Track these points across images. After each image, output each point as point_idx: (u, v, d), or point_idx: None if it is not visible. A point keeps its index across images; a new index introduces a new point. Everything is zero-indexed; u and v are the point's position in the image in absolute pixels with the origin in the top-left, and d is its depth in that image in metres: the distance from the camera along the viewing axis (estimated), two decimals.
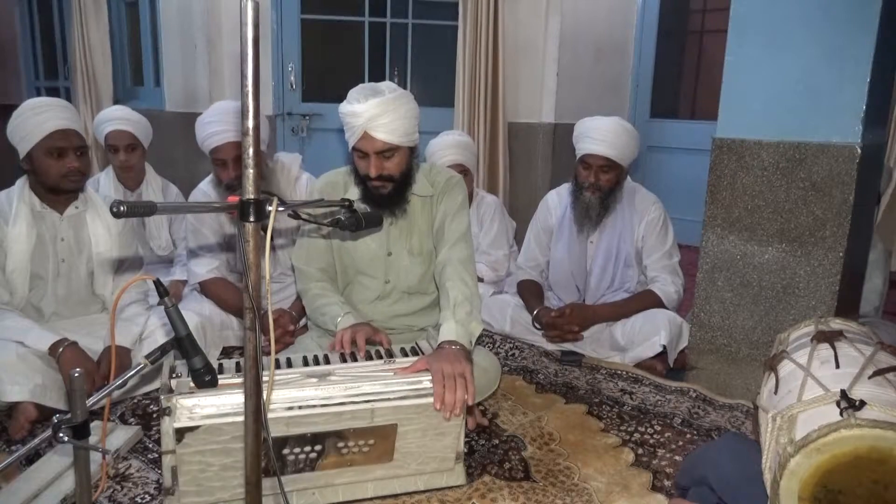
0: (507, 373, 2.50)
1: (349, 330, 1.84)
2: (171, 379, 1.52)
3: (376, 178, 1.91)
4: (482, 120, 3.91)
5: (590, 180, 2.65)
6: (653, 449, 1.99)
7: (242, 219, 1.01)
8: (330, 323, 1.97)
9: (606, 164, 2.62)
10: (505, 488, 1.76)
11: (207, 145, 2.48)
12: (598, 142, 2.59)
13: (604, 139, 2.58)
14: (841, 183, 2.08)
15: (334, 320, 1.95)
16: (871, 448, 1.17)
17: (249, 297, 1.03)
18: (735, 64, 2.23)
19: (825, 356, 1.44)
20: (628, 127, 2.64)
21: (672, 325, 2.51)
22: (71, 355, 2.05)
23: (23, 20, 5.08)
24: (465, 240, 2.02)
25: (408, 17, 4.18)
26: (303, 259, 2.11)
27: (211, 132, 2.45)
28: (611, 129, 2.58)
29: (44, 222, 2.23)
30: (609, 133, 2.58)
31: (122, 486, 1.74)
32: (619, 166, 2.64)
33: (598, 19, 4.16)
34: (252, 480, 1.12)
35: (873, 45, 1.98)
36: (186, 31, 4.08)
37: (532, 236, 2.94)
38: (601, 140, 2.58)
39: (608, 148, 2.58)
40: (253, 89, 0.96)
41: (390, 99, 1.84)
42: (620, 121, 2.65)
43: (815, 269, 2.16)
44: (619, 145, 2.59)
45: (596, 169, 2.63)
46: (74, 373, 1.06)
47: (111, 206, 0.99)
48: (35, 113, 2.14)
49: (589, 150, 2.62)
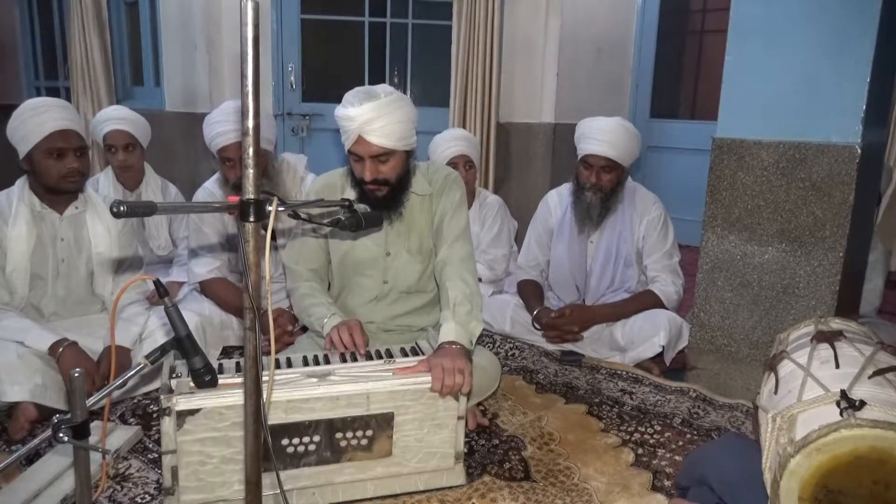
0: (507, 373, 2.50)
1: (343, 327, 1.84)
2: (171, 379, 1.52)
3: (371, 181, 1.91)
4: (475, 120, 3.91)
5: (591, 181, 2.65)
6: (653, 449, 1.99)
7: (242, 219, 1.01)
8: (316, 324, 1.97)
9: (608, 165, 2.62)
10: (505, 488, 1.76)
11: (215, 145, 2.49)
12: (599, 142, 2.59)
13: (606, 140, 2.58)
14: (841, 183, 2.08)
15: (321, 321, 1.95)
16: (871, 448, 1.17)
17: (249, 297, 1.03)
18: (735, 64, 2.23)
19: (825, 356, 1.44)
20: (630, 127, 2.64)
21: (672, 326, 2.51)
22: (71, 355, 2.05)
23: (23, 20, 5.07)
24: (465, 238, 2.02)
25: (408, 17, 4.18)
26: (294, 258, 2.11)
27: (218, 132, 2.46)
28: (613, 130, 2.58)
29: (43, 222, 2.23)
30: (611, 134, 2.58)
31: (122, 486, 1.74)
32: (621, 167, 2.64)
33: (598, 19, 4.16)
34: (252, 479, 1.12)
35: (873, 45, 1.98)
36: (186, 31, 4.08)
37: (532, 236, 2.94)
38: (603, 140, 2.58)
39: (610, 148, 2.58)
40: (253, 89, 0.97)
41: (385, 103, 1.83)
42: (622, 121, 2.64)
43: (815, 269, 2.16)
44: (621, 146, 2.59)
45: (597, 169, 2.63)
46: (74, 373, 1.06)
47: (111, 206, 0.99)
48: (35, 113, 2.13)
49: (590, 150, 2.62)
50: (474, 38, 3.86)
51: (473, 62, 3.88)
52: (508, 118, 4.11)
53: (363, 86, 1.93)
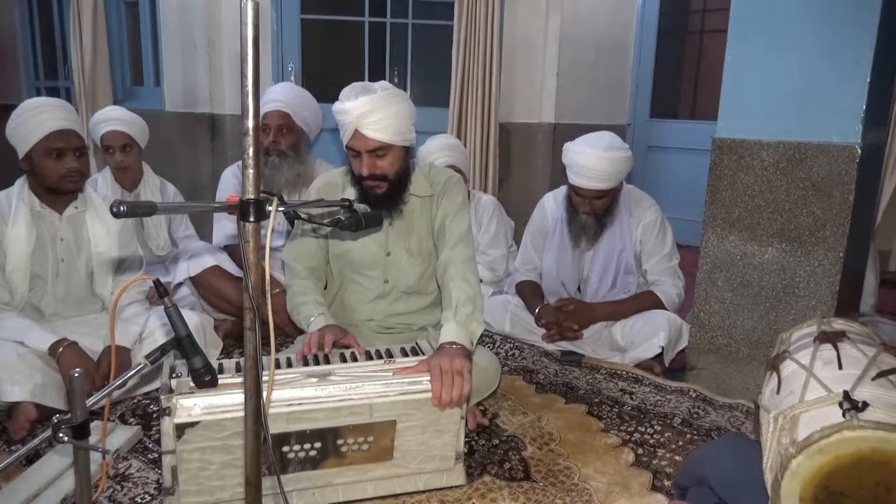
0: (507, 373, 2.50)
1: (316, 333, 1.84)
2: (171, 379, 1.52)
3: (369, 177, 1.90)
4: (474, 120, 3.91)
5: (584, 207, 2.62)
6: (653, 449, 1.99)
7: (243, 219, 1.01)
8: (304, 322, 1.97)
9: (599, 194, 2.57)
10: (505, 488, 1.76)
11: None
12: (587, 178, 2.52)
13: (593, 176, 2.50)
14: (841, 183, 2.08)
15: (307, 320, 1.95)
16: (873, 450, 1.16)
17: (249, 297, 1.03)
18: (735, 64, 2.23)
19: (828, 357, 1.44)
20: (617, 153, 2.50)
21: (672, 326, 2.51)
22: (71, 355, 2.05)
23: (23, 20, 5.07)
24: (467, 240, 2.02)
25: (408, 17, 4.17)
26: (292, 256, 2.11)
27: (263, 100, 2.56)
28: (599, 167, 2.47)
29: (43, 222, 2.23)
30: (598, 172, 2.49)
31: (122, 486, 1.74)
32: (614, 188, 2.60)
33: (598, 19, 4.16)
34: (252, 480, 1.12)
35: (873, 45, 1.97)
36: (186, 31, 4.08)
37: (528, 239, 2.93)
38: (590, 177, 2.51)
39: (598, 182, 2.51)
40: (253, 89, 0.96)
41: (381, 96, 1.83)
42: (608, 147, 2.50)
43: (815, 269, 2.16)
44: (611, 177, 2.52)
45: (589, 199, 2.59)
46: (74, 373, 1.06)
47: (111, 206, 0.99)
48: (34, 113, 2.13)
49: (580, 184, 2.55)
50: (474, 37, 3.85)
51: (473, 62, 3.87)
52: (508, 118, 4.11)
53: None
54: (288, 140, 2.82)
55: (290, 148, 2.82)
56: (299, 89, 3.04)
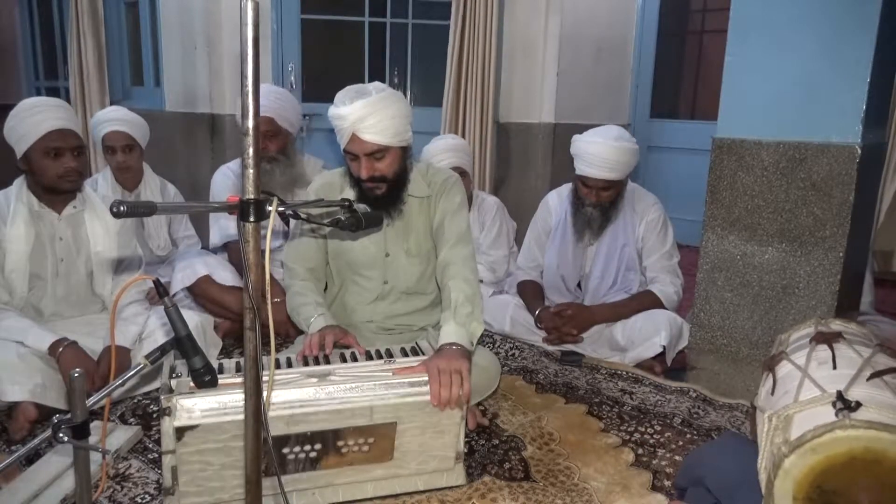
0: (507, 373, 2.50)
1: (317, 334, 1.84)
2: (171, 379, 1.52)
3: (368, 179, 1.90)
4: (474, 120, 3.91)
5: (591, 199, 2.65)
6: (653, 449, 1.99)
7: (242, 219, 1.01)
8: (304, 323, 1.97)
9: (607, 185, 2.60)
10: (505, 488, 1.76)
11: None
12: (596, 167, 2.55)
13: (602, 165, 2.54)
14: (841, 183, 2.08)
15: (307, 321, 1.95)
16: (866, 449, 1.16)
17: (250, 296, 1.03)
18: (735, 64, 2.23)
19: (823, 357, 1.44)
20: (625, 144, 2.55)
21: (672, 326, 2.51)
22: (71, 355, 2.05)
23: (23, 20, 5.07)
24: (466, 239, 2.02)
25: (408, 17, 4.17)
26: (292, 257, 2.11)
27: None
28: (608, 156, 2.52)
29: (42, 222, 2.23)
30: (607, 159, 2.53)
31: (122, 486, 1.74)
32: (620, 181, 2.63)
33: (598, 19, 4.16)
34: (252, 480, 1.12)
35: (873, 45, 1.98)
36: (186, 31, 4.08)
37: (532, 237, 2.93)
38: (599, 166, 2.54)
39: (607, 172, 2.55)
40: (253, 89, 0.96)
41: (377, 99, 1.83)
42: (618, 137, 2.56)
43: (815, 269, 2.16)
44: (619, 167, 2.55)
45: (596, 189, 2.62)
46: (74, 373, 1.06)
47: (111, 206, 0.99)
48: (32, 113, 2.13)
49: (587, 173, 2.58)
50: (473, 37, 3.85)
51: (472, 62, 3.87)
52: (508, 118, 4.11)
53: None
54: (276, 144, 2.78)
55: (280, 152, 2.79)
56: (276, 89, 2.97)
